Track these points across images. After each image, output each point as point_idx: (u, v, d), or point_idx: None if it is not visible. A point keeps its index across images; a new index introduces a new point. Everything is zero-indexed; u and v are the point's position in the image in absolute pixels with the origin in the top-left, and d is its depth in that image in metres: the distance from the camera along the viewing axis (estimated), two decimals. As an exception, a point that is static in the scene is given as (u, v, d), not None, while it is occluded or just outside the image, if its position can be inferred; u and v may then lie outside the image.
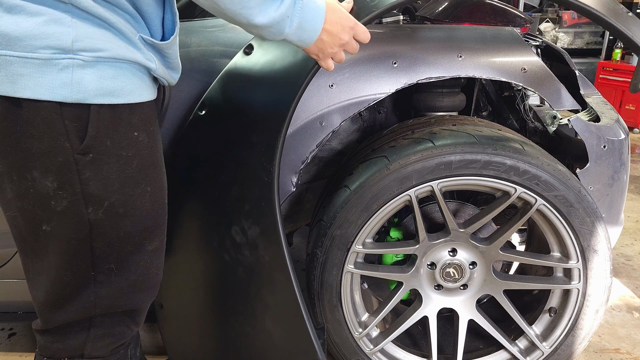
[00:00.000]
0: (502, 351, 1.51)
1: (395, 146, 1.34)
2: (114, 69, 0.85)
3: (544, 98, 1.46)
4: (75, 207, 0.89)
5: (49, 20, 0.80)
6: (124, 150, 0.90)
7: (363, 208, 1.32)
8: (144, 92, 0.92)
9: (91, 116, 0.85)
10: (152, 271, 1.05)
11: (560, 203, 1.31)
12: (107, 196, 0.91)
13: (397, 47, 1.37)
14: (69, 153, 0.86)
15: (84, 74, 0.82)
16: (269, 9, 0.90)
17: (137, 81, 0.90)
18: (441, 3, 1.74)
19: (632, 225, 2.73)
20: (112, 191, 0.91)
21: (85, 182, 0.88)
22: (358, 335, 1.46)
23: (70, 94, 0.82)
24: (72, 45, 0.81)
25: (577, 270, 1.38)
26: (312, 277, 1.41)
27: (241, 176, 1.22)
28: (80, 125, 0.85)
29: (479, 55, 1.38)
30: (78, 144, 0.86)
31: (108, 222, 0.93)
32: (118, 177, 0.91)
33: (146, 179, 0.95)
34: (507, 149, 1.28)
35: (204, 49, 1.34)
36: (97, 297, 1.00)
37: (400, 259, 1.57)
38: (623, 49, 4.80)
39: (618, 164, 1.46)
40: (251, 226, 1.22)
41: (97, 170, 0.88)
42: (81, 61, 0.82)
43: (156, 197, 0.99)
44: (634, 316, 1.96)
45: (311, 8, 0.96)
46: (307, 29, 0.97)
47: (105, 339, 1.06)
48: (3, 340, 1.80)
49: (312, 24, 0.97)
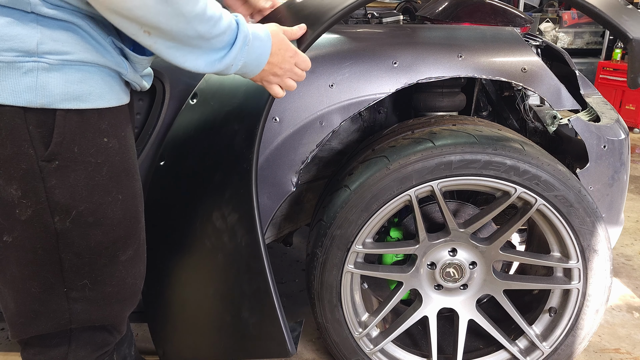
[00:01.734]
0: (502, 351, 1.51)
1: (395, 146, 1.34)
2: (82, 73, 0.82)
3: (544, 98, 1.46)
4: (40, 217, 0.86)
5: (13, 22, 0.77)
6: (93, 157, 0.87)
7: (363, 208, 1.32)
8: (114, 97, 0.89)
9: (57, 122, 0.82)
10: (129, 281, 1.02)
11: (560, 203, 1.31)
12: (74, 205, 0.87)
13: (397, 47, 1.37)
14: (33, 160, 0.83)
15: (49, 78, 0.79)
16: (213, 62, 0.90)
17: (106, 85, 0.87)
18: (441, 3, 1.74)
19: (632, 225, 2.73)
20: (80, 199, 0.88)
21: (50, 190, 0.85)
22: (358, 335, 1.46)
23: (35, 98, 0.79)
24: (36, 47, 0.78)
25: (577, 270, 1.38)
26: (312, 277, 1.41)
27: (224, 163, 1.22)
28: (45, 131, 0.82)
29: (479, 55, 1.38)
30: (43, 151, 0.82)
31: (76, 231, 0.90)
32: (86, 185, 0.88)
33: (117, 187, 0.92)
34: (507, 149, 1.28)
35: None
36: (72, 313, 0.97)
37: (400, 258, 1.57)
38: (623, 49, 4.79)
39: (618, 164, 1.46)
40: (231, 212, 1.22)
41: (63, 177, 0.85)
42: (46, 64, 0.79)
43: (128, 205, 0.96)
44: (634, 316, 1.96)
45: (257, 48, 0.96)
46: (251, 66, 0.97)
47: (87, 348, 1.04)
48: (3, 340, 1.80)
49: (256, 61, 0.97)
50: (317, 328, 1.49)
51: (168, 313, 1.36)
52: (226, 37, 0.90)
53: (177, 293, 1.34)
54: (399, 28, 1.47)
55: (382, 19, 1.57)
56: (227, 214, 1.21)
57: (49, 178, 0.84)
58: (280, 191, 1.40)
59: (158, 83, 1.31)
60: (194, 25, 0.83)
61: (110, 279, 0.98)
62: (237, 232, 1.22)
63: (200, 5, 0.82)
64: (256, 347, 1.26)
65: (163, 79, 1.31)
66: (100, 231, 0.92)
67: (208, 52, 0.89)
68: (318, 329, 1.49)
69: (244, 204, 1.20)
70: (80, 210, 0.88)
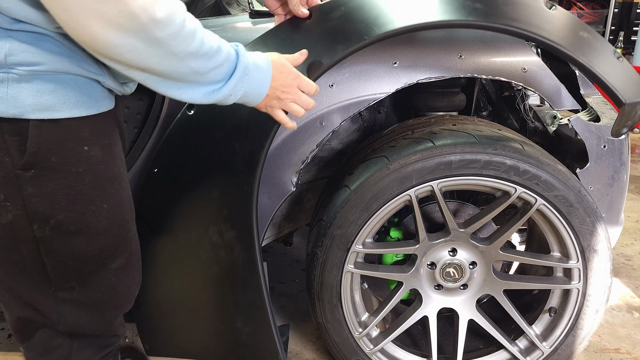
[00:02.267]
0: (502, 351, 1.51)
1: (395, 146, 1.34)
2: (54, 83, 0.81)
3: (544, 98, 1.46)
4: (19, 222, 0.87)
5: None
6: (74, 166, 0.86)
7: (363, 208, 1.32)
8: (93, 105, 0.87)
9: (30, 132, 0.81)
10: (121, 289, 1.02)
11: (560, 203, 1.31)
12: (53, 213, 0.87)
13: (398, 47, 1.37)
14: (9, 168, 0.83)
15: (19, 89, 0.79)
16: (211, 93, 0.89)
17: (83, 94, 0.85)
18: (441, 3, 1.74)
19: (632, 225, 2.73)
20: (60, 208, 0.87)
21: (27, 199, 0.85)
22: (358, 335, 1.46)
23: (7, 108, 0.79)
24: (5, 59, 0.77)
25: (577, 270, 1.38)
26: (312, 277, 1.41)
27: (223, 180, 1.23)
28: (21, 140, 0.82)
29: (479, 55, 1.38)
30: (19, 159, 0.82)
31: (58, 240, 0.90)
32: (67, 194, 0.87)
33: (102, 196, 0.92)
34: (507, 149, 1.28)
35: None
36: (60, 314, 0.97)
37: (400, 258, 1.57)
38: (623, 49, 4.79)
39: (618, 163, 1.46)
40: (228, 229, 1.24)
41: (40, 186, 0.85)
42: (16, 75, 0.78)
43: (115, 214, 0.95)
44: (634, 316, 1.96)
45: (257, 77, 0.94)
46: (252, 95, 0.96)
47: (90, 349, 1.04)
48: (3, 340, 1.80)
49: (257, 90, 0.96)
50: (317, 328, 1.49)
51: (156, 312, 1.37)
52: (224, 68, 0.89)
53: (167, 295, 1.35)
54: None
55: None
56: (225, 230, 1.23)
57: (26, 186, 0.84)
58: (280, 191, 1.41)
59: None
60: (187, 63, 0.82)
61: (99, 285, 0.98)
62: (234, 248, 1.24)
63: (195, 44, 0.81)
64: (248, 354, 1.31)
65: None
66: (83, 240, 0.92)
67: (205, 84, 0.88)
68: (318, 329, 1.49)
69: (243, 222, 1.22)
70: (60, 219, 0.88)
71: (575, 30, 1.18)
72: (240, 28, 1.43)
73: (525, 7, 1.18)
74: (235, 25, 1.45)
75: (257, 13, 1.44)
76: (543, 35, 1.11)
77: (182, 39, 0.79)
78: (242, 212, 1.23)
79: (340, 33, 1.15)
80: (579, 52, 1.14)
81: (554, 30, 1.14)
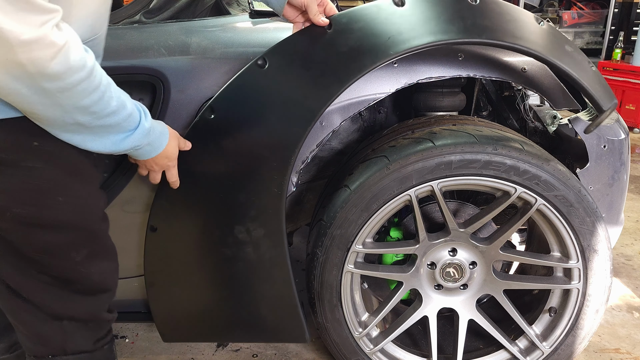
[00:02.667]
0: (502, 351, 1.51)
1: (395, 146, 1.34)
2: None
3: (544, 98, 1.46)
4: None
5: None
6: (29, 162, 0.89)
7: (363, 208, 1.32)
8: None
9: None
10: (96, 277, 1.05)
11: (560, 203, 1.31)
12: (8, 207, 0.90)
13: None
14: None
15: None
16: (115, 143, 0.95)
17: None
18: (441, 3, 1.74)
19: (632, 225, 2.72)
20: (16, 202, 0.90)
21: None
22: (358, 335, 1.46)
23: None
24: None
25: (577, 270, 1.38)
26: (312, 277, 1.41)
27: (249, 186, 1.26)
28: None
29: (479, 55, 1.38)
30: None
31: (16, 233, 0.93)
32: (22, 189, 0.89)
33: (63, 190, 0.94)
34: (507, 149, 1.28)
35: (204, 49, 1.34)
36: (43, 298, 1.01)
37: (400, 258, 1.57)
38: (623, 49, 4.79)
39: (618, 163, 1.46)
40: (256, 228, 1.29)
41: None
42: None
43: (79, 207, 0.97)
44: (634, 316, 1.96)
45: (157, 136, 1.05)
46: (148, 149, 1.05)
47: (82, 332, 1.07)
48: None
49: (153, 149, 1.06)
50: (317, 328, 1.49)
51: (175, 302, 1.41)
52: (125, 124, 0.94)
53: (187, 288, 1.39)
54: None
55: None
56: (253, 229, 1.29)
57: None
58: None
59: (158, 83, 1.31)
60: (73, 115, 0.85)
61: (69, 274, 1.01)
62: (262, 246, 1.31)
63: (89, 100, 0.84)
64: (273, 335, 1.45)
65: (163, 79, 1.31)
66: (44, 233, 0.94)
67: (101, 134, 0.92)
68: (318, 329, 1.49)
69: (273, 222, 1.29)
70: (16, 212, 0.90)
71: (561, 44, 1.31)
72: (240, 28, 1.43)
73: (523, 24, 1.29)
74: (235, 25, 1.45)
75: (257, 13, 1.43)
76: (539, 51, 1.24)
77: (73, 93, 0.82)
78: (272, 213, 1.28)
79: (365, 46, 1.19)
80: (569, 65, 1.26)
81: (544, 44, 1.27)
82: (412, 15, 1.24)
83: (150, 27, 1.44)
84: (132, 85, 1.35)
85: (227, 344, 1.77)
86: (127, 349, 1.75)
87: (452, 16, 1.24)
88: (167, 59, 1.32)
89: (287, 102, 1.22)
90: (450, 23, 1.23)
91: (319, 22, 1.19)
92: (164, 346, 1.76)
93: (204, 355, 1.72)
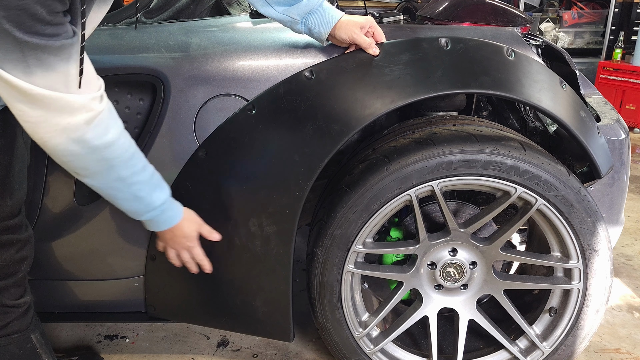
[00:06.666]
0: (502, 351, 1.51)
1: (396, 146, 1.34)
2: None
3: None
4: None
5: None
6: None
7: (363, 208, 1.32)
8: None
9: None
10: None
11: (560, 203, 1.31)
12: None
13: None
14: None
15: None
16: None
17: None
18: (442, 3, 1.74)
19: (632, 225, 2.72)
20: None
21: None
22: (358, 335, 1.46)
23: None
24: None
25: (578, 270, 1.38)
26: (312, 277, 1.41)
27: (274, 183, 1.30)
28: None
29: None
30: None
31: None
32: None
33: None
34: (507, 149, 1.28)
35: (205, 49, 1.34)
36: None
37: (401, 258, 1.57)
38: (623, 49, 4.79)
39: (618, 163, 1.47)
40: (270, 224, 1.33)
41: None
42: None
43: None
44: (634, 316, 1.96)
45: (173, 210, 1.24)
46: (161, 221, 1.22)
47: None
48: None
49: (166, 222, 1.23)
50: (317, 328, 1.49)
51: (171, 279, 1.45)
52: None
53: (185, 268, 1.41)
54: (400, 28, 1.46)
55: (383, 18, 1.57)
56: (266, 224, 1.33)
57: None
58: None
59: (158, 83, 1.31)
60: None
61: None
62: (271, 241, 1.35)
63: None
64: (260, 328, 1.48)
65: (163, 79, 1.31)
66: None
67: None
68: (318, 329, 1.49)
69: (287, 222, 1.32)
70: None
71: (578, 110, 1.39)
72: (240, 28, 1.43)
73: (548, 86, 1.36)
74: (235, 25, 1.45)
75: (257, 13, 1.43)
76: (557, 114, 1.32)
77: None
78: (288, 212, 1.31)
79: (409, 80, 1.28)
80: (582, 132, 1.34)
81: (564, 110, 1.35)
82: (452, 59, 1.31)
83: (151, 27, 1.44)
84: (133, 85, 1.35)
85: (228, 344, 1.77)
86: (127, 349, 1.75)
87: (488, 67, 1.30)
88: (168, 59, 1.32)
89: (330, 115, 1.27)
90: (486, 74, 1.28)
91: (372, 53, 1.29)
92: (164, 346, 1.76)
93: (204, 355, 1.72)
